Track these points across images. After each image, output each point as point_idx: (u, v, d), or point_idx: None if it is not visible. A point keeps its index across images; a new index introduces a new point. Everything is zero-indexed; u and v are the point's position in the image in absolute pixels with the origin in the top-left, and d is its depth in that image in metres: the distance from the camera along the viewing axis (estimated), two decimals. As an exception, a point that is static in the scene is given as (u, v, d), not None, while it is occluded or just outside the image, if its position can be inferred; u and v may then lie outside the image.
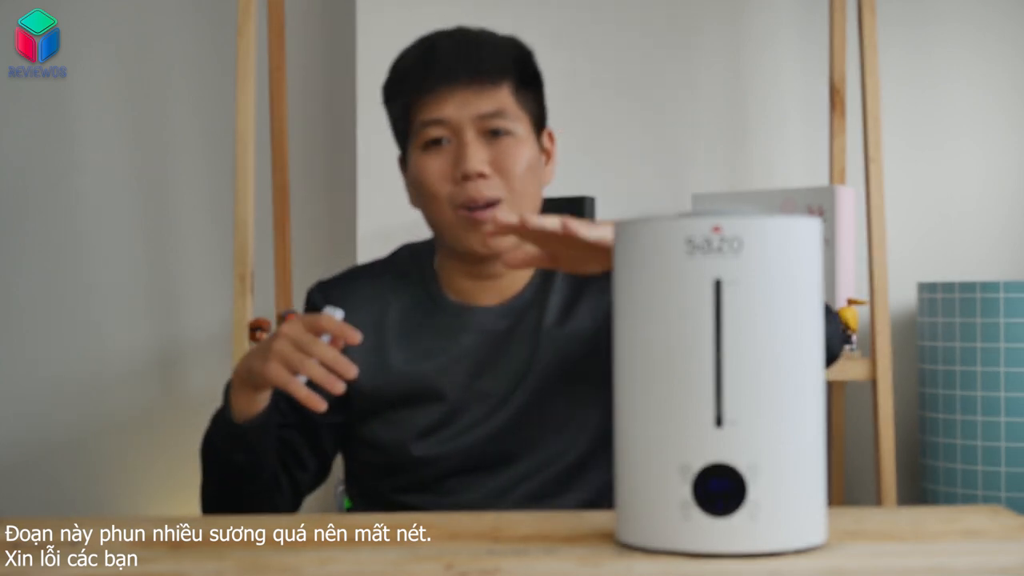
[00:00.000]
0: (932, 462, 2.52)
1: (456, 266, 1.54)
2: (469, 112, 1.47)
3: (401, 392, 1.51)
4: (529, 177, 1.49)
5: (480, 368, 1.51)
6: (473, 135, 1.47)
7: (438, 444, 1.49)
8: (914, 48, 2.78)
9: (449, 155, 1.48)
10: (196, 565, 1.05)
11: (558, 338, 1.51)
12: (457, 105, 1.47)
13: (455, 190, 1.47)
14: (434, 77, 1.47)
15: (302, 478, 1.54)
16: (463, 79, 1.47)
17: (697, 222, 1.05)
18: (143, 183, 2.87)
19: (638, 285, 1.09)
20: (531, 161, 1.50)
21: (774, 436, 1.05)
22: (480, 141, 1.47)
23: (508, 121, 1.48)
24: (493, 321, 1.52)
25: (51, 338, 2.87)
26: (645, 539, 1.08)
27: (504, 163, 1.47)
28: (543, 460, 1.50)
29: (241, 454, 1.42)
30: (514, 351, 1.51)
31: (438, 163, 1.48)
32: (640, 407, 1.08)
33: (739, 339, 1.05)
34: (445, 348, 1.51)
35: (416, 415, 1.50)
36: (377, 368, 1.51)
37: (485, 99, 1.48)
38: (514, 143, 1.49)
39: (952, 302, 2.47)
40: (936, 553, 1.09)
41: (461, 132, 1.47)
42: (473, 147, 1.46)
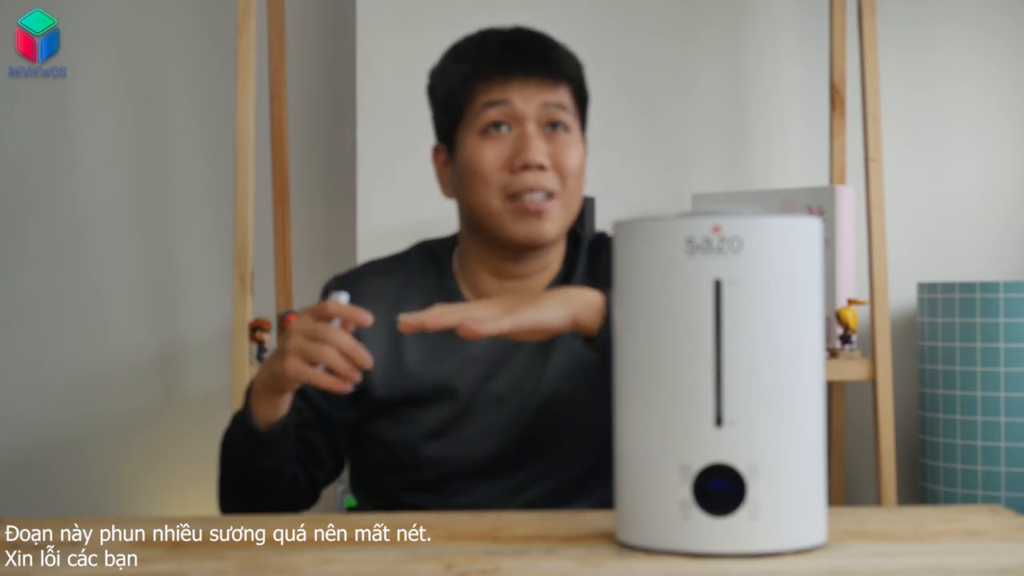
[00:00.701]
0: (932, 462, 2.52)
1: (486, 262, 1.53)
2: (535, 101, 1.48)
3: (413, 391, 1.50)
4: (580, 176, 1.52)
5: (493, 370, 1.50)
6: (534, 127, 1.48)
7: (447, 446, 1.49)
8: (914, 48, 2.78)
9: (508, 143, 1.48)
10: (196, 565, 1.05)
11: (574, 347, 1.48)
12: (524, 94, 1.48)
13: (509, 179, 1.47)
14: (505, 61, 1.49)
15: (320, 476, 1.54)
16: (534, 70, 1.49)
17: (697, 222, 1.05)
18: (143, 183, 2.87)
19: (638, 285, 1.09)
20: (582, 161, 1.53)
21: (774, 436, 1.05)
22: (540, 133, 1.49)
23: (567, 116, 1.50)
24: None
25: (51, 338, 2.87)
26: (645, 539, 1.08)
27: (561, 158, 1.49)
28: (551, 468, 1.49)
29: (265, 459, 1.42)
30: (528, 355, 1.50)
31: (496, 150, 1.48)
32: (640, 407, 1.08)
33: (739, 339, 1.05)
34: (459, 349, 1.50)
35: (426, 415, 1.50)
36: (391, 366, 1.51)
37: (552, 92, 1.49)
38: (570, 140, 1.51)
39: (952, 302, 2.47)
40: (936, 553, 1.09)
41: (524, 121, 1.48)
42: (536, 139, 1.47)
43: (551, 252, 1.54)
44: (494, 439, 1.48)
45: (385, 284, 1.55)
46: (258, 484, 1.45)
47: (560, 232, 1.50)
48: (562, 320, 1.30)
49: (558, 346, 1.50)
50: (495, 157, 1.48)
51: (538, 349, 1.50)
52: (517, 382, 1.50)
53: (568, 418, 1.49)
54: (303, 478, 1.51)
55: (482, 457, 1.48)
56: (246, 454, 1.43)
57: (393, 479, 1.52)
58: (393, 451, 1.51)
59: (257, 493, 1.46)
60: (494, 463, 1.49)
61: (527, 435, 1.48)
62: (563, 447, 1.49)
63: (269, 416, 1.40)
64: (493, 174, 1.47)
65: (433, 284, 1.55)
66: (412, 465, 1.50)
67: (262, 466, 1.42)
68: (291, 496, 1.49)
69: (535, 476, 1.49)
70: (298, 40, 2.82)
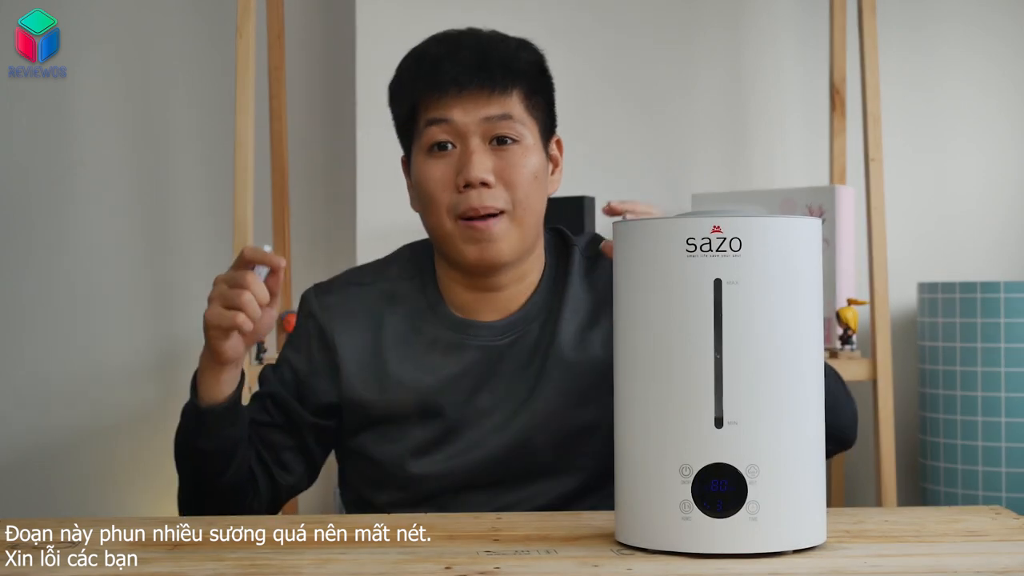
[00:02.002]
0: (932, 462, 2.52)
1: (455, 277, 1.50)
2: (476, 116, 1.43)
3: (399, 405, 1.47)
4: (534, 188, 1.45)
5: (480, 385, 1.47)
6: (478, 142, 1.43)
7: (435, 462, 1.46)
8: (914, 48, 2.78)
9: (452, 161, 1.44)
10: (196, 565, 1.05)
11: (571, 364, 1.47)
12: (464, 109, 1.43)
13: (456, 198, 1.43)
14: (444, 78, 1.44)
15: (284, 480, 1.50)
16: (473, 84, 1.43)
17: (697, 222, 1.05)
18: (143, 183, 2.87)
19: (638, 285, 1.09)
20: (537, 171, 1.46)
21: (774, 436, 1.05)
22: (485, 149, 1.43)
23: (516, 127, 1.44)
24: (494, 337, 1.48)
25: (51, 338, 2.86)
26: (645, 539, 1.08)
27: (509, 173, 1.43)
28: (542, 485, 1.46)
29: (207, 440, 1.40)
30: (516, 370, 1.47)
31: (441, 169, 1.44)
32: (640, 407, 1.08)
33: (739, 339, 1.05)
34: (445, 363, 1.47)
35: (413, 430, 1.47)
36: (374, 378, 1.48)
37: (493, 104, 1.44)
38: (521, 152, 1.44)
39: (952, 302, 2.47)
40: (936, 553, 1.09)
41: (466, 138, 1.43)
42: (478, 154, 1.42)
43: (522, 264, 1.49)
44: (483, 456, 1.45)
45: (368, 292, 1.53)
46: (205, 470, 1.42)
47: (514, 251, 1.45)
48: None
49: (552, 365, 1.47)
50: (441, 176, 1.44)
51: (527, 363, 1.48)
52: (505, 398, 1.47)
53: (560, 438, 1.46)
54: (263, 478, 1.48)
55: (471, 474, 1.46)
56: (188, 435, 1.42)
57: (380, 493, 1.49)
58: (380, 467, 1.49)
59: (205, 483, 1.42)
60: (483, 480, 1.46)
61: (516, 454, 1.45)
62: (553, 467, 1.46)
63: (213, 395, 1.39)
64: (441, 194, 1.44)
65: (417, 293, 1.52)
66: (399, 481, 1.47)
67: (206, 448, 1.40)
68: (243, 493, 1.46)
69: (524, 494, 1.46)
70: (298, 40, 2.82)
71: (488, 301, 1.50)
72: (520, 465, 1.46)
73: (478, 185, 1.42)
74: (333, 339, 1.50)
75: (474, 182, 1.42)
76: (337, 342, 1.50)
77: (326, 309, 1.52)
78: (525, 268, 1.50)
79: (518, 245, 1.45)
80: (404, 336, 1.49)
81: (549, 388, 1.46)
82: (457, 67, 1.44)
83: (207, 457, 1.41)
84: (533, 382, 1.46)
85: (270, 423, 1.50)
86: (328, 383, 1.50)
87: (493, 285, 1.49)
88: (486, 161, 1.43)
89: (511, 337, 1.48)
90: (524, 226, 1.45)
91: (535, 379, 1.46)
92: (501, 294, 1.50)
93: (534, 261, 1.51)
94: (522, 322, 1.49)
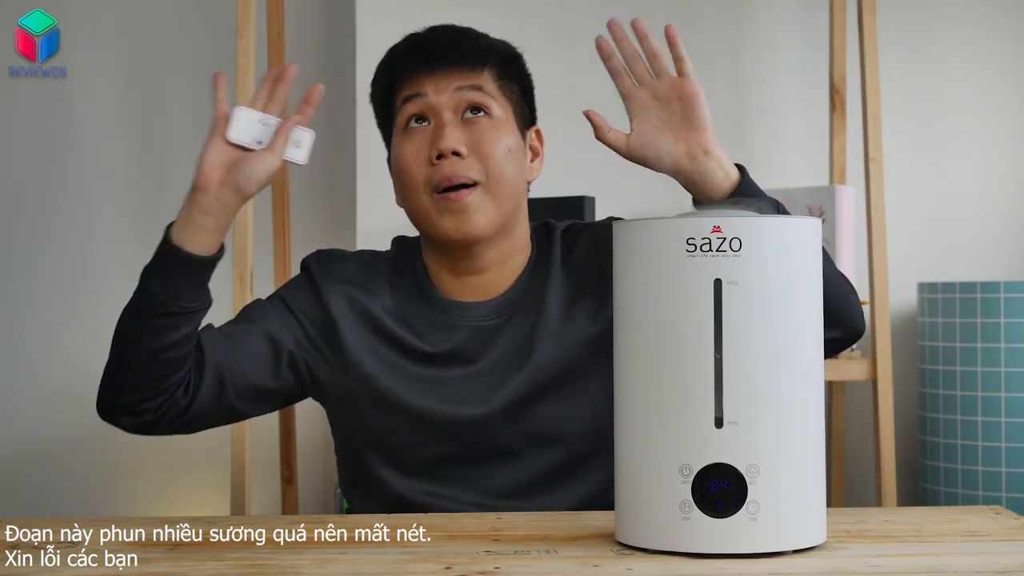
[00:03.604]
0: (932, 462, 2.52)
1: (440, 261, 1.52)
2: (448, 89, 1.47)
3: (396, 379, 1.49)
4: (509, 162, 1.48)
5: (473, 359, 1.49)
6: (451, 116, 1.47)
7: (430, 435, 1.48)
8: (914, 48, 2.78)
9: (426, 136, 1.47)
10: (196, 565, 1.06)
11: (557, 338, 1.49)
12: (437, 84, 1.47)
13: (430, 171, 1.46)
14: (415, 58, 1.49)
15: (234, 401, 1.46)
16: (444, 60, 1.48)
17: (697, 222, 1.05)
18: (143, 183, 2.87)
19: (638, 285, 1.09)
20: (512, 146, 1.49)
21: (774, 436, 1.05)
22: (457, 122, 1.47)
23: (487, 99, 1.48)
24: (483, 317, 1.51)
25: (51, 338, 2.86)
26: (645, 539, 1.08)
27: (481, 144, 1.46)
28: (535, 457, 1.48)
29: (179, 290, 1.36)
30: (506, 349, 1.49)
31: (415, 144, 1.47)
32: (640, 407, 1.09)
33: (739, 339, 1.05)
34: (438, 339, 1.50)
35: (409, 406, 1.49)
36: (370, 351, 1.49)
37: (465, 76, 1.48)
38: (492, 125, 1.48)
39: (952, 302, 2.47)
40: (936, 553, 1.09)
41: (439, 112, 1.47)
42: (450, 127, 1.46)
43: (504, 244, 1.51)
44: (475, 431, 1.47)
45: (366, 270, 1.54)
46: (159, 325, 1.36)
47: (492, 224, 1.47)
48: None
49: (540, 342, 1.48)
50: (415, 151, 1.47)
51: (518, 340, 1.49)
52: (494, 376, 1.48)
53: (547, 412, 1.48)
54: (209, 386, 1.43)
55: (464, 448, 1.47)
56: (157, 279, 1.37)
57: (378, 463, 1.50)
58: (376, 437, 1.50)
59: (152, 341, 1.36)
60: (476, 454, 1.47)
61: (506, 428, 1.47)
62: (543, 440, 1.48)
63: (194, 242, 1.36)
64: (415, 168, 1.47)
65: (408, 279, 1.54)
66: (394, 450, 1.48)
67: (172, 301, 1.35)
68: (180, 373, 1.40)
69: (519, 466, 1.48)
70: (298, 40, 2.82)
71: (472, 285, 1.52)
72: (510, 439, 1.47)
73: (450, 155, 1.45)
74: (329, 306, 1.50)
75: (446, 152, 1.45)
76: (333, 309, 1.50)
77: (323, 269, 1.54)
78: (507, 250, 1.52)
79: (495, 218, 1.47)
80: (397, 316, 1.51)
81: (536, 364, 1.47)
82: (430, 47, 1.50)
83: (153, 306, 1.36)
84: (522, 360, 1.48)
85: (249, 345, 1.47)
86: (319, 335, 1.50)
87: (475, 267, 1.51)
88: (457, 133, 1.46)
89: (501, 318, 1.51)
90: (499, 198, 1.47)
91: (523, 358, 1.48)
92: (484, 277, 1.52)
93: (517, 245, 1.53)
94: (508, 304, 1.51)
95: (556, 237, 1.56)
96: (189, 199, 1.39)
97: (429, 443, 1.48)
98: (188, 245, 1.37)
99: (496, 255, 1.51)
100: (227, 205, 1.39)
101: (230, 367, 1.45)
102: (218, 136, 1.39)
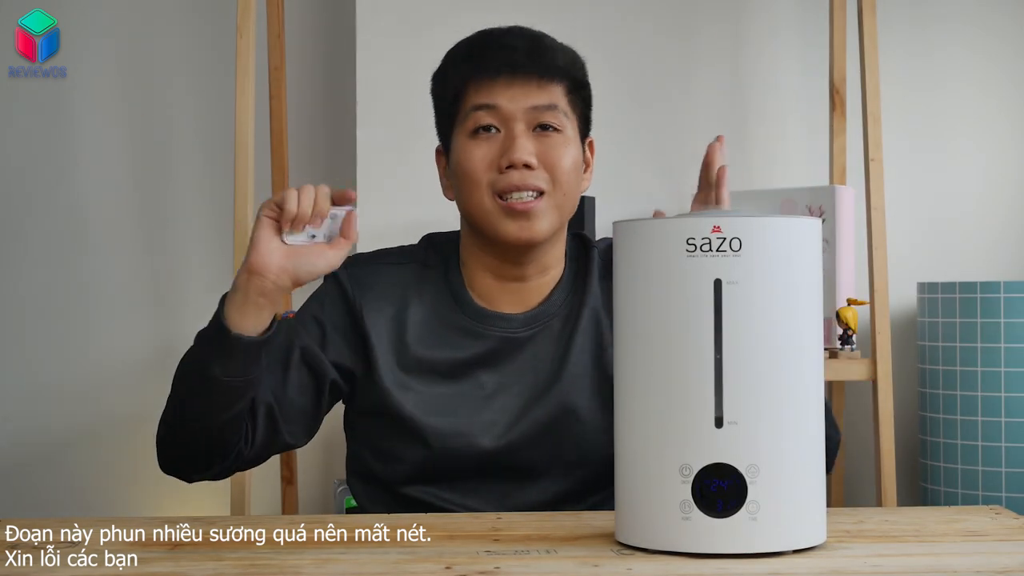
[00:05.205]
0: (932, 462, 2.52)
1: (484, 262, 1.53)
2: (523, 104, 1.47)
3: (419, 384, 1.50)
4: (574, 176, 1.50)
5: (500, 377, 1.50)
6: (523, 127, 1.47)
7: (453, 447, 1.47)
8: (914, 48, 2.78)
9: (496, 144, 1.48)
10: (196, 565, 1.06)
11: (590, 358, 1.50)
12: (512, 95, 1.48)
13: (498, 177, 1.47)
14: (493, 64, 1.48)
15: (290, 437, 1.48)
16: (521, 71, 1.48)
17: (697, 222, 1.05)
18: (143, 183, 2.87)
19: (638, 285, 1.09)
20: (576, 161, 1.51)
21: (774, 436, 1.05)
22: (529, 134, 1.48)
23: (559, 117, 1.49)
24: (516, 329, 1.51)
25: (51, 338, 2.86)
26: (645, 539, 1.08)
27: (551, 157, 1.47)
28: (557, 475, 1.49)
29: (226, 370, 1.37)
30: (536, 363, 1.50)
31: (484, 150, 1.48)
32: (640, 407, 1.09)
33: (739, 339, 1.05)
34: (463, 345, 1.50)
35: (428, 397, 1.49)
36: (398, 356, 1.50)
37: (541, 93, 1.48)
38: (562, 140, 1.49)
39: (952, 302, 2.47)
40: (936, 553, 1.09)
41: (511, 123, 1.48)
42: (522, 138, 1.47)
43: (548, 254, 1.53)
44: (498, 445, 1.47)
45: (396, 274, 1.55)
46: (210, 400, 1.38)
47: (551, 231, 1.49)
48: None
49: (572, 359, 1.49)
50: (483, 156, 1.48)
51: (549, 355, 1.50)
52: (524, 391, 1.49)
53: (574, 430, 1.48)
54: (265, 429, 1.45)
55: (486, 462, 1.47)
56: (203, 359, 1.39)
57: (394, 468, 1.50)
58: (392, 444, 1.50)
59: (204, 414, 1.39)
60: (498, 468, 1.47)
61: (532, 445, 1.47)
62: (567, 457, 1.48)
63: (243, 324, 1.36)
64: (482, 173, 1.47)
65: (439, 281, 1.54)
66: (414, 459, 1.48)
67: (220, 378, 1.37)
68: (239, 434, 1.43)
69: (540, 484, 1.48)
70: (298, 40, 2.82)
71: (512, 292, 1.53)
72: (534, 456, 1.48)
73: (521, 167, 1.46)
74: (361, 311, 1.51)
75: (517, 163, 1.46)
76: (365, 315, 1.51)
77: (355, 280, 1.53)
78: (549, 260, 1.54)
79: (555, 226, 1.50)
80: (427, 321, 1.52)
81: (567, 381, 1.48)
82: (508, 54, 1.49)
83: (218, 388, 1.38)
84: (553, 376, 1.49)
85: (293, 378, 1.48)
86: (350, 349, 1.51)
87: (520, 274, 1.52)
88: (530, 145, 1.47)
89: (533, 330, 1.52)
90: (561, 210, 1.50)
91: (554, 373, 1.49)
92: (525, 285, 1.53)
93: (557, 257, 1.55)
94: (544, 316, 1.52)
95: (595, 254, 1.57)
96: (244, 280, 1.37)
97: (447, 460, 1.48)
98: (248, 327, 1.38)
99: (540, 265, 1.53)
100: (284, 288, 1.39)
101: (279, 404, 1.47)
102: (272, 228, 1.36)
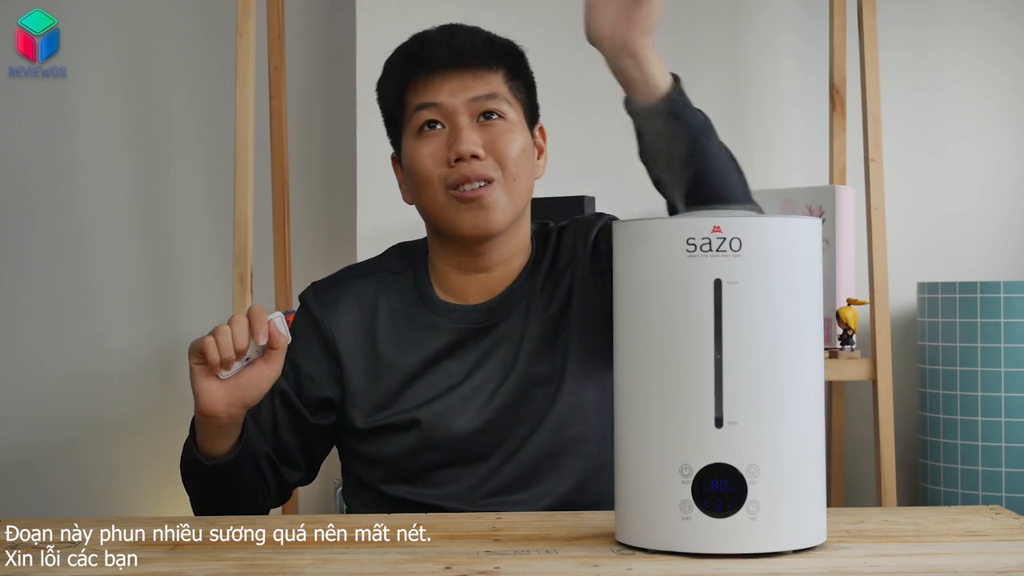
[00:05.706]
0: (932, 462, 2.52)
1: (448, 258, 1.54)
2: (463, 96, 1.49)
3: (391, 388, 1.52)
4: (523, 161, 1.51)
5: (465, 366, 1.51)
6: (467, 119, 1.48)
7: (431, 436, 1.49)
8: (914, 48, 2.78)
9: (442, 139, 1.49)
10: (196, 565, 1.06)
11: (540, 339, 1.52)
12: (451, 90, 1.49)
13: (448, 172, 1.48)
14: (428, 62, 1.50)
15: (291, 477, 1.56)
16: (457, 64, 1.49)
17: (697, 222, 1.05)
18: (143, 183, 2.87)
19: (638, 285, 1.09)
20: (524, 146, 1.51)
21: (774, 436, 1.05)
22: (473, 125, 1.49)
23: (501, 105, 1.50)
24: (479, 319, 1.53)
25: (51, 338, 2.87)
26: (645, 539, 1.08)
27: (497, 145, 1.48)
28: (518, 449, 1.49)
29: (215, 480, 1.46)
30: (501, 349, 1.52)
31: (431, 147, 1.49)
32: (640, 407, 1.09)
33: (739, 339, 1.05)
34: (427, 342, 1.52)
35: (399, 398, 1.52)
36: (369, 368, 1.53)
37: (479, 83, 1.50)
38: (507, 127, 1.50)
39: (952, 302, 2.47)
40: (936, 553, 1.09)
41: (454, 116, 1.49)
42: (467, 130, 1.48)
43: (510, 241, 1.54)
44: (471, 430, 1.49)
45: (362, 286, 1.57)
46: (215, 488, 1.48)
47: (506, 220, 1.50)
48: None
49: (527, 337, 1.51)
50: (431, 153, 1.49)
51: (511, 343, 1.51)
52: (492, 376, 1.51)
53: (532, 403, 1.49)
54: (272, 477, 1.53)
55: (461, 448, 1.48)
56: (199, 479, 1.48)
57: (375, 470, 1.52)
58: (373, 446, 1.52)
59: (218, 495, 1.48)
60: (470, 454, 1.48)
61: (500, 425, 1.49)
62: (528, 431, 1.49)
63: (210, 448, 1.44)
64: (432, 169, 1.49)
65: (407, 283, 1.57)
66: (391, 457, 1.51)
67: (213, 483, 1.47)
68: (257, 493, 1.51)
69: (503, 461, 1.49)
70: (298, 40, 2.82)
71: (478, 284, 1.54)
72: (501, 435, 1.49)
73: (468, 158, 1.47)
74: (332, 336, 1.55)
75: (464, 155, 1.47)
76: (336, 338, 1.54)
77: (325, 305, 1.57)
78: (512, 248, 1.54)
79: (510, 214, 1.50)
80: (395, 322, 1.54)
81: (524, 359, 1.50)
82: (442, 50, 1.50)
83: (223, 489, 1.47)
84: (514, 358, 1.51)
85: (280, 424, 1.54)
86: (328, 379, 1.54)
87: (482, 264, 1.53)
88: (475, 136, 1.48)
89: (496, 318, 1.53)
90: (514, 195, 1.50)
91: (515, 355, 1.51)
92: (490, 275, 1.54)
93: (520, 245, 1.56)
94: (503, 306, 1.54)
95: (552, 237, 1.59)
96: (201, 422, 1.43)
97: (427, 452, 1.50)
98: (220, 448, 1.45)
99: (503, 252, 1.54)
100: (239, 416, 1.43)
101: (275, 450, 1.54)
102: (205, 372, 1.40)
